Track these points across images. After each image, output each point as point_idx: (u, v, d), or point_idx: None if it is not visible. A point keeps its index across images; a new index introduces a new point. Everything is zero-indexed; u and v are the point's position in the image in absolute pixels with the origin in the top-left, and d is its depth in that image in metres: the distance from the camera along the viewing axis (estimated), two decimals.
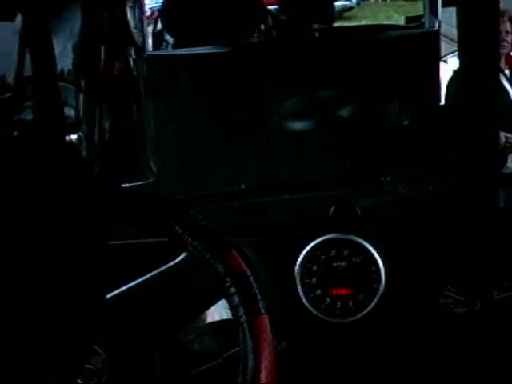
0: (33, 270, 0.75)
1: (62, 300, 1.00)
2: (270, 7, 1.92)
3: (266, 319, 0.91)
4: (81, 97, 0.72)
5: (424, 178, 1.78)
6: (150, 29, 2.08)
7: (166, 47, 1.91)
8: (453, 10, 1.85)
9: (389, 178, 1.69)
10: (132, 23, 1.74)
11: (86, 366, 0.95)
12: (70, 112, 0.74)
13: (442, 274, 1.41)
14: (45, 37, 0.66)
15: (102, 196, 0.98)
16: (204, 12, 1.40)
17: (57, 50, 0.68)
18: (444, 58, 2.67)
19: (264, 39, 1.61)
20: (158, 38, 2.16)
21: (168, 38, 1.92)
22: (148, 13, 1.93)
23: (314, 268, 1.42)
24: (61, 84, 0.72)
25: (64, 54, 0.69)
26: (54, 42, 0.68)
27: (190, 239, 0.96)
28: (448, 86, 2.06)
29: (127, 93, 0.80)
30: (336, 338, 1.42)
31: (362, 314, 1.39)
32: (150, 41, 1.96)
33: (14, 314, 0.74)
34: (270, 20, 1.58)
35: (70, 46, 0.70)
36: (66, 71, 0.68)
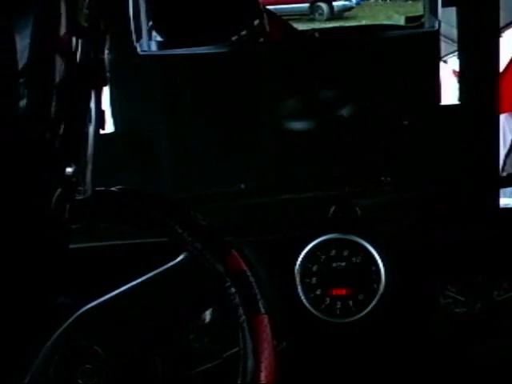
0: (29, 268, 0.75)
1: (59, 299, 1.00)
2: (270, 7, 1.92)
3: (265, 319, 0.91)
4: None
5: (424, 178, 1.78)
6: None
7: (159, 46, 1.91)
8: (453, 10, 1.84)
9: (389, 178, 1.69)
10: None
11: (86, 366, 0.95)
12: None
13: (442, 274, 1.41)
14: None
15: (101, 196, 0.98)
16: (193, 10, 1.39)
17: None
18: (444, 58, 2.67)
19: (260, 38, 1.60)
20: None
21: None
22: None
23: (314, 268, 1.42)
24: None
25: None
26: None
27: (190, 239, 0.96)
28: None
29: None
30: (336, 337, 1.41)
31: (362, 314, 1.39)
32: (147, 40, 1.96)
33: (11, 312, 0.74)
34: (265, 18, 1.57)
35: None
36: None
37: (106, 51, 0.82)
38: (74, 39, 0.74)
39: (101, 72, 0.80)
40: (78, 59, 0.75)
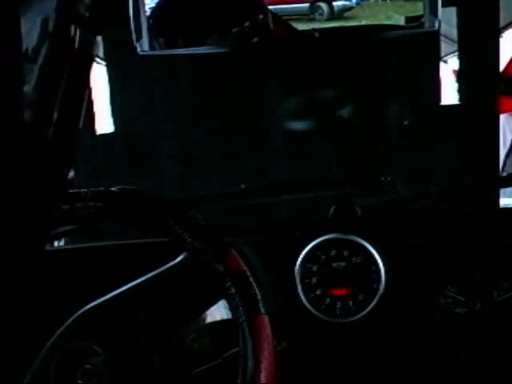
0: (27, 268, 0.75)
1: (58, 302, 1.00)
2: (270, 7, 1.92)
3: (265, 319, 0.91)
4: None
5: (424, 178, 1.78)
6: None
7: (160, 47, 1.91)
8: (453, 10, 1.85)
9: (389, 178, 1.69)
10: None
11: (86, 366, 0.95)
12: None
13: (442, 273, 1.41)
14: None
15: (100, 196, 0.98)
16: (193, 10, 1.40)
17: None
18: (444, 58, 2.67)
19: (261, 37, 1.60)
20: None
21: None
22: (148, 13, 1.93)
23: (314, 268, 1.41)
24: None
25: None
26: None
27: (189, 239, 0.95)
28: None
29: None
30: (336, 337, 1.41)
31: (362, 314, 1.39)
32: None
33: (9, 313, 0.74)
34: (265, 17, 1.58)
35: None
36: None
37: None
38: (72, 28, 0.73)
39: (88, 51, 0.79)
40: (75, 47, 0.74)
